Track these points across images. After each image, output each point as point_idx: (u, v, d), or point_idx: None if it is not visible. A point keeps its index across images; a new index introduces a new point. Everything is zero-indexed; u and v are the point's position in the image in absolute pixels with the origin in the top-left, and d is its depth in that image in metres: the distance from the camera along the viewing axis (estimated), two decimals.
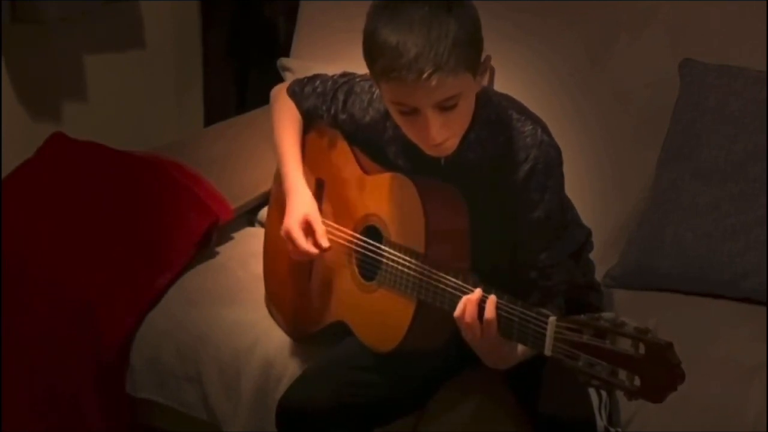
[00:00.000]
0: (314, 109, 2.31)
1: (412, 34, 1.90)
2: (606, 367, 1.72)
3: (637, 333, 1.70)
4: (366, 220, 2.18)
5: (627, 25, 2.78)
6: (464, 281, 1.97)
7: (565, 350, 1.79)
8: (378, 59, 1.94)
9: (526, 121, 2.07)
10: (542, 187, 2.05)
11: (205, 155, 2.90)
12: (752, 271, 2.44)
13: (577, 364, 1.76)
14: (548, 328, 1.82)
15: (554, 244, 2.07)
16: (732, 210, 2.48)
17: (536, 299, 2.03)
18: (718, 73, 2.58)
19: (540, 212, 2.05)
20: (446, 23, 1.90)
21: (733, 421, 2.13)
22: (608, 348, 1.73)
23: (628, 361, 1.70)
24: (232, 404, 2.45)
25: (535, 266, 2.06)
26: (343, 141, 2.26)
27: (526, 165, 2.04)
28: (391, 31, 1.91)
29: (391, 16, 1.93)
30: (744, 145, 2.50)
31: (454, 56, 1.90)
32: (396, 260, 2.08)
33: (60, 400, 2.56)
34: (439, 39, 1.89)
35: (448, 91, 1.93)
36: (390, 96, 1.99)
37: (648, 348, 1.69)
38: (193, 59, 3.66)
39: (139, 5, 3.43)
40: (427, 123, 1.96)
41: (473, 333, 1.94)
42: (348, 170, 2.24)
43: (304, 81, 2.35)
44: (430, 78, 1.89)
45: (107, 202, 2.70)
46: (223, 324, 2.51)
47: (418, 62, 1.89)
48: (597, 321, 1.75)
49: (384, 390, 2.17)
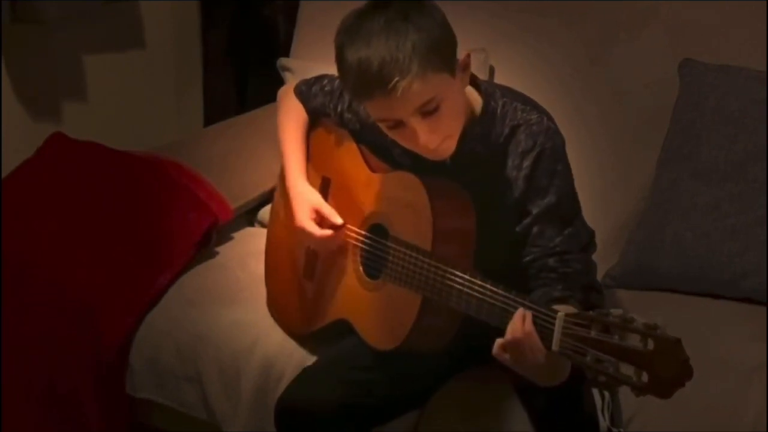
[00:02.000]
0: (321, 108, 2.32)
1: (371, 48, 1.92)
2: (613, 363, 1.72)
3: (646, 329, 1.69)
4: (372, 217, 2.19)
5: (627, 25, 2.78)
6: (472, 277, 1.97)
7: (572, 345, 1.78)
8: (347, 81, 1.98)
9: (531, 111, 2.09)
10: (551, 172, 2.05)
11: (204, 155, 2.90)
12: (752, 271, 2.44)
13: (585, 360, 1.76)
14: (556, 323, 1.82)
15: (568, 231, 2.06)
16: (731, 210, 2.48)
17: (559, 292, 2.01)
18: (718, 73, 2.58)
19: (551, 197, 2.05)
20: (403, 31, 1.92)
21: (733, 421, 2.13)
22: (616, 343, 1.72)
23: (637, 356, 1.70)
24: (232, 404, 2.45)
25: (553, 252, 2.04)
26: (350, 139, 2.27)
27: (534, 152, 2.05)
28: (353, 51, 1.94)
29: (351, 37, 1.96)
30: (744, 145, 2.50)
31: (416, 61, 1.91)
32: (402, 257, 2.08)
33: (60, 400, 2.56)
34: (398, 47, 1.91)
35: (422, 95, 1.93)
36: (373, 114, 2.02)
37: (657, 343, 1.68)
38: (193, 59, 3.66)
39: (138, 5, 3.43)
40: (414, 132, 1.97)
41: (521, 350, 1.87)
42: (355, 168, 2.25)
43: (311, 81, 2.36)
44: (396, 86, 1.91)
45: (107, 202, 2.70)
46: (222, 324, 2.51)
47: (381, 74, 1.91)
48: (605, 317, 1.74)
49: (384, 389, 2.18)
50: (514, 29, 2.84)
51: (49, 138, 2.86)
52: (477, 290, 1.96)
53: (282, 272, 2.42)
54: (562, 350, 1.81)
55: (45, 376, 2.56)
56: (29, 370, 2.56)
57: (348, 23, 1.98)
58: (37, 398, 2.56)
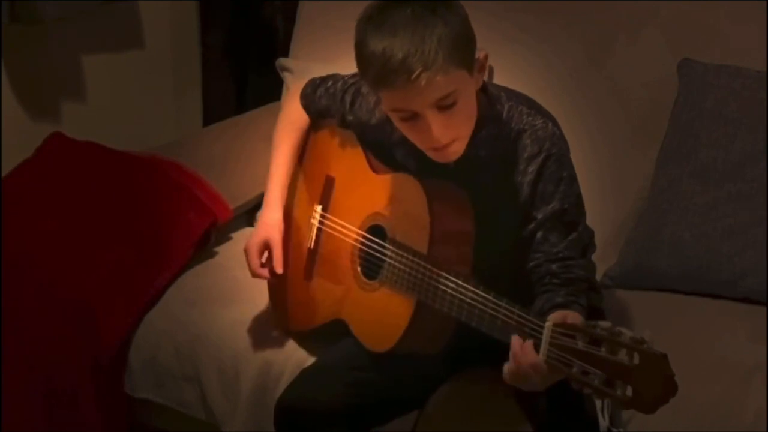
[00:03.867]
0: (326, 110, 2.33)
1: (397, 38, 1.91)
2: (599, 375, 1.71)
3: (633, 343, 1.69)
4: (372, 218, 2.19)
5: (626, 25, 2.78)
6: (465, 282, 1.97)
7: (559, 356, 1.78)
8: (368, 69, 1.96)
9: (536, 116, 2.08)
10: (557, 179, 2.05)
11: (203, 155, 2.90)
12: (751, 270, 2.44)
13: (571, 371, 1.75)
14: (544, 332, 1.81)
15: (572, 237, 2.06)
16: (730, 210, 2.48)
17: (562, 297, 2.00)
18: (717, 73, 2.58)
19: (556, 204, 2.04)
20: (431, 23, 1.92)
21: (733, 421, 2.13)
22: (602, 356, 1.71)
23: (622, 370, 1.69)
24: (231, 404, 2.45)
25: (557, 258, 2.04)
26: (355, 141, 2.27)
27: (539, 157, 2.05)
28: (378, 40, 1.93)
29: (376, 25, 1.95)
30: (742, 145, 2.50)
31: (441, 54, 1.90)
32: (398, 259, 2.08)
33: (58, 400, 2.56)
34: (424, 39, 1.90)
35: (443, 89, 1.93)
36: (388, 104, 2.00)
37: (642, 358, 1.67)
38: (192, 59, 3.66)
39: (137, 5, 3.43)
40: (428, 125, 1.96)
41: (529, 380, 1.85)
42: (357, 169, 2.25)
43: (317, 82, 2.36)
44: (419, 77, 1.90)
45: (106, 201, 2.70)
46: (222, 324, 2.51)
47: (405, 64, 1.90)
48: (593, 329, 1.74)
49: (382, 390, 2.18)
50: (513, 29, 2.83)
51: (48, 138, 2.86)
52: (468, 296, 1.96)
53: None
54: (548, 360, 1.80)
55: (44, 376, 2.56)
56: (28, 369, 2.56)
57: (372, 11, 1.97)
58: (35, 397, 2.56)
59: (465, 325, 2.01)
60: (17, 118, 3.19)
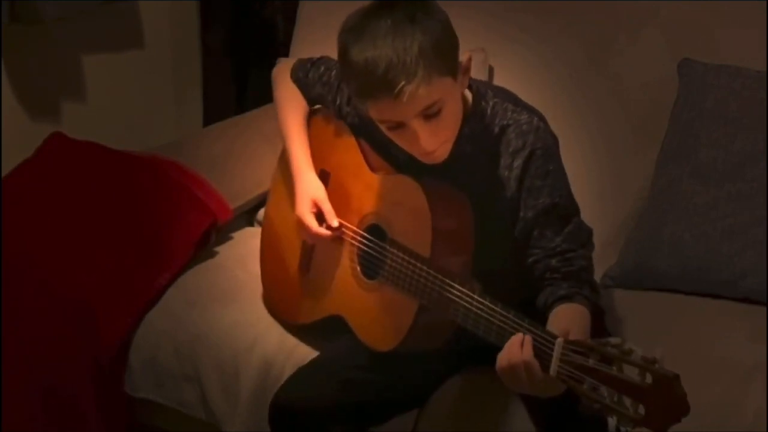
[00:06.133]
0: (320, 98, 2.32)
1: (377, 49, 1.91)
2: (611, 393, 1.70)
3: (645, 362, 1.67)
4: (370, 217, 2.19)
5: (626, 25, 2.78)
6: (470, 290, 1.96)
7: (570, 372, 1.76)
8: (352, 81, 1.97)
9: (521, 112, 2.08)
10: (544, 173, 2.04)
11: (203, 155, 2.90)
12: (750, 270, 2.44)
13: (582, 387, 1.74)
14: (555, 348, 1.80)
15: (567, 229, 2.05)
16: (730, 210, 2.48)
17: (565, 290, 1.99)
18: (717, 73, 2.58)
19: (546, 198, 2.04)
20: (410, 33, 1.91)
21: (733, 421, 2.13)
22: (614, 375, 1.70)
23: (634, 389, 1.68)
24: (231, 404, 2.45)
25: (555, 252, 2.03)
26: (350, 133, 2.27)
27: (524, 151, 2.04)
28: (358, 50, 1.93)
29: (356, 36, 1.95)
30: (742, 145, 2.50)
31: (422, 65, 1.90)
32: (401, 262, 2.07)
33: (59, 400, 2.56)
34: (405, 50, 1.90)
35: (427, 99, 1.93)
36: (374, 114, 2.00)
37: (655, 378, 1.66)
38: (192, 59, 3.66)
39: (137, 5, 3.43)
40: (415, 134, 1.97)
41: (517, 375, 1.86)
42: (354, 165, 2.25)
43: (307, 66, 2.35)
44: (402, 91, 1.90)
45: (106, 201, 2.70)
46: (221, 324, 2.51)
47: (387, 78, 1.90)
48: (604, 346, 1.72)
49: (381, 388, 2.17)
50: (513, 29, 2.83)
51: (48, 138, 2.86)
52: (475, 306, 1.95)
53: (277, 259, 2.42)
54: (559, 376, 1.79)
55: (44, 376, 2.56)
56: (28, 369, 2.56)
57: (353, 22, 1.97)
58: (35, 398, 2.56)
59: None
60: (17, 118, 3.19)
